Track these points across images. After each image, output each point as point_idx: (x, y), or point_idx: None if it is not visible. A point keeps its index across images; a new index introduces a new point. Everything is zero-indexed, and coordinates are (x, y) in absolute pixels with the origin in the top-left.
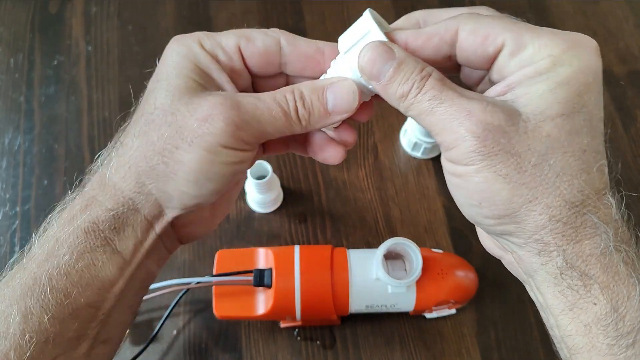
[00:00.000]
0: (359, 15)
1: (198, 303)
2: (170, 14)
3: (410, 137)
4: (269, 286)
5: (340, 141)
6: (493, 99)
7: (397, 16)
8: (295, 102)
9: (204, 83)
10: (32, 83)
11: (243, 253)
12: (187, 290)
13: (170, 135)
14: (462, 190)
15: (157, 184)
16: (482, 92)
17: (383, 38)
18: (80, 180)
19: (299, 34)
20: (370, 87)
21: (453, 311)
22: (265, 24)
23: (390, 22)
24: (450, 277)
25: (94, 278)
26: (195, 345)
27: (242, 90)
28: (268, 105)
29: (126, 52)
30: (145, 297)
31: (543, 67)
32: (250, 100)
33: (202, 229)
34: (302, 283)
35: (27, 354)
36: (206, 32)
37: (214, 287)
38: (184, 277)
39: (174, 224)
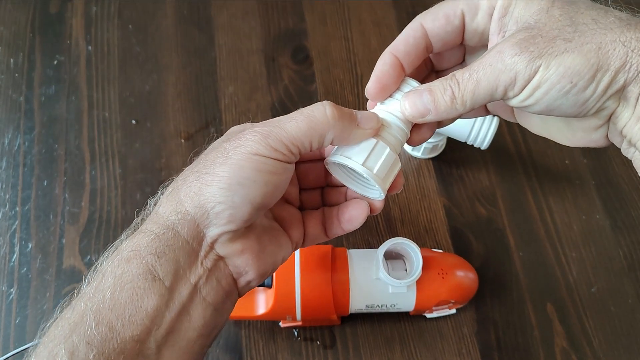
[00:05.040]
0: (359, 14)
1: None
2: (171, 14)
3: None
4: (269, 286)
5: (368, 201)
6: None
7: (397, 16)
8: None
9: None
10: (32, 83)
11: None
12: None
13: (210, 157)
14: (552, 91)
15: (192, 200)
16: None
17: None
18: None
19: (299, 34)
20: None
21: (453, 311)
22: (266, 24)
23: (390, 22)
24: (451, 277)
25: (137, 309)
26: None
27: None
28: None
29: (127, 52)
30: None
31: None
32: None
33: (251, 274)
34: (303, 283)
35: None
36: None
37: None
38: None
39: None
